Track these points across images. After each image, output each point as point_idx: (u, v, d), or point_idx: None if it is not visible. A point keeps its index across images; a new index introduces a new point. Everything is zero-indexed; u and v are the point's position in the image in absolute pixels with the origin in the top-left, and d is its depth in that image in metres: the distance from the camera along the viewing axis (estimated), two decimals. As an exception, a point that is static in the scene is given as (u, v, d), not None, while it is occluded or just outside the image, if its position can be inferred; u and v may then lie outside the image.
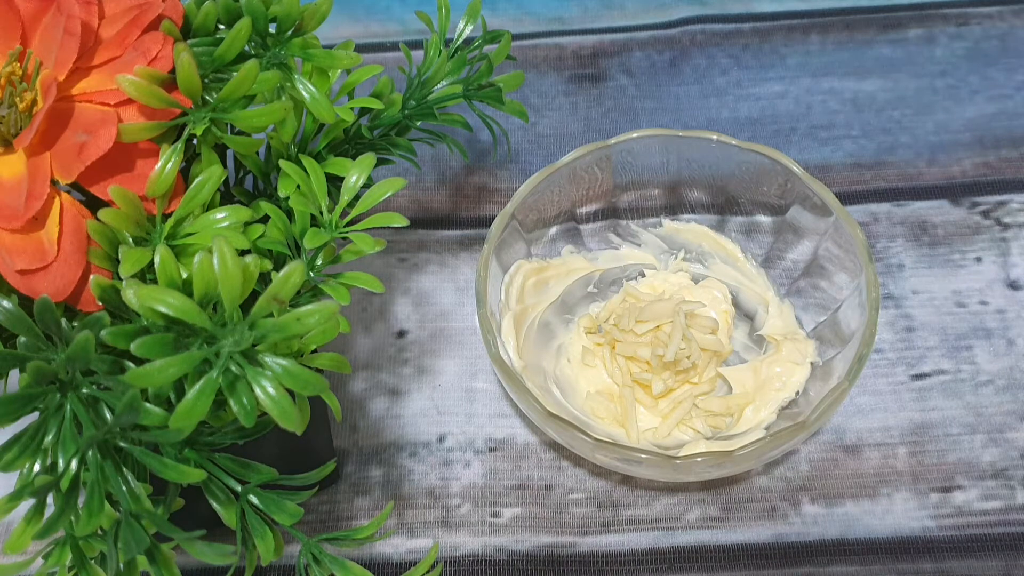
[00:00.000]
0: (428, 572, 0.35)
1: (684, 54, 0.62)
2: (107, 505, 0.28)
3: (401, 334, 0.51)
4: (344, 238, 0.34)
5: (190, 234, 0.32)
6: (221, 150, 0.35)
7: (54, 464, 0.27)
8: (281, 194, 0.35)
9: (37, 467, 0.28)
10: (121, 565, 0.28)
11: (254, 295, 0.27)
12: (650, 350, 0.45)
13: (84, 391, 0.28)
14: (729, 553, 0.44)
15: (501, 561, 0.44)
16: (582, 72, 0.62)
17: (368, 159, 0.35)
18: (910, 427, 0.47)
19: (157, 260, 0.28)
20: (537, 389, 0.44)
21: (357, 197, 0.35)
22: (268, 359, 0.26)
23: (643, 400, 0.46)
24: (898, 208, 0.54)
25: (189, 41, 0.33)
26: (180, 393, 0.28)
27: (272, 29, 0.33)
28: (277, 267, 0.34)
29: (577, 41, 0.63)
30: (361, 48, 0.62)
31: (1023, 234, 0.53)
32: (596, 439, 0.40)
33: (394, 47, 0.63)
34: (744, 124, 0.58)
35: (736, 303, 0.50)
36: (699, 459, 0.40)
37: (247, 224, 0.33)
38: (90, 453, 0.28)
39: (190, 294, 0.26)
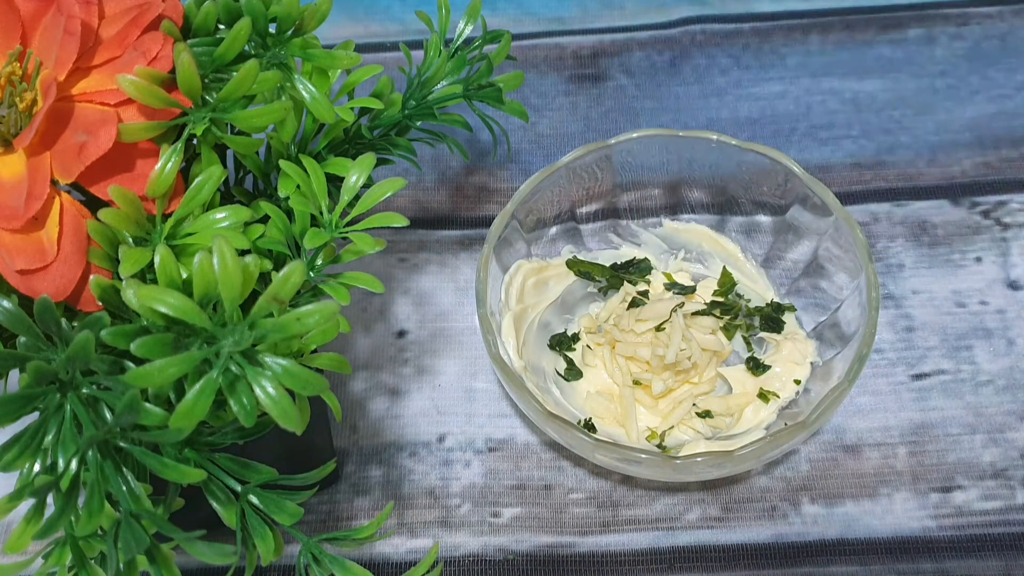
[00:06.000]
0: (428, 572, 0.35)
1: (684, 54, 0.62)
2: (107, 505, 0.28)
3: (401, 334, 0.51)
4: (344, 238, 0.34)
5: (190, 234, 0.32)
6: (221, 150, 0.35)
7: (54, 464, 0.27)
8: (281, 194, 0.35)
9: (37, 467, 0.28)
10: (121, 565, 0.28)
11: (254, 295, 0.27)
12: (650, 350, 0.45)
13: (84, 391, 0.28)
14: (729, 553, 0.44)
15: (501, 561, 0.44)
16: (582, 72, 0.62)
17: (368, 159, 0.35)
18: (910, 427, 0.47)
19: (157, 260, 0.28)
20: (537, 389, 0.44)
21: (357, 197, 0.35)
22: (268, 359, 0.26)
23: (643, 400, 0.46)
24: (898, 208, 0.54)
25: (189, 41, 0.33)
26: (180, 393, 0.28)
27: (272, 29, 0.33)
28: (277, 267, 0.34)
29: (577, 41, 0.63)
30: (361, 48, 0.62)
31: (1023, 234, 0.53)
32: (596, 439, 0.40)
33: (394, 47, 0.63)
34: (744, 124, 0.58)
35: (736, 303, 0.50)
36: (699, 459, 0.40)
37: (247, 224, 0.33)
38: (90, 453, 0.28)
39: (190, 294, 0.26)
